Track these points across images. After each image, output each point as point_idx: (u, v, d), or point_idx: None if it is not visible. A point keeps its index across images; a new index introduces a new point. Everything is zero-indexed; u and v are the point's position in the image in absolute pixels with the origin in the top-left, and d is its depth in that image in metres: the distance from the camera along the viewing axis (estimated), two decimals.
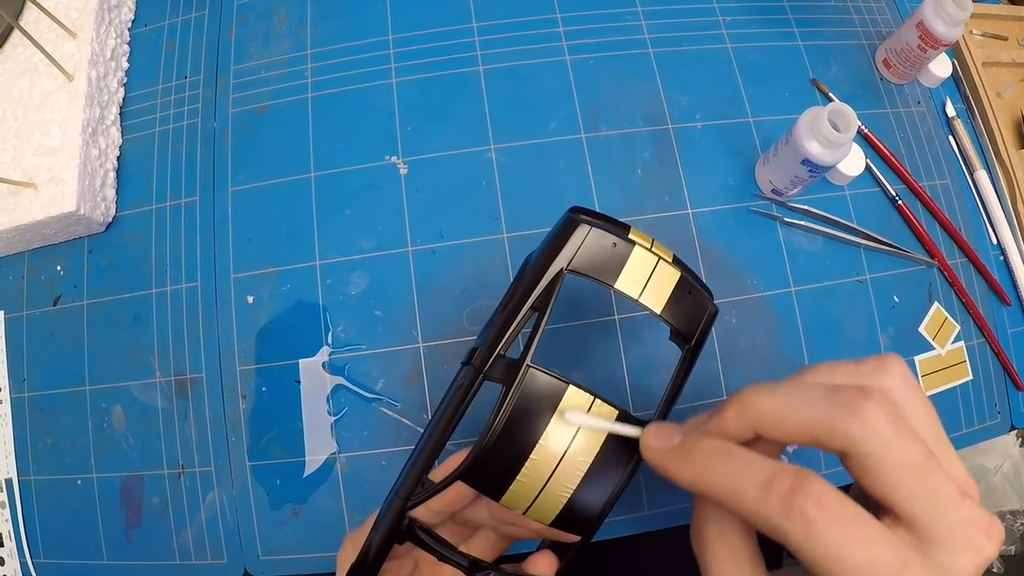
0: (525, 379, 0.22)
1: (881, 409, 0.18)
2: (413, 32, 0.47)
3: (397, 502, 0.24)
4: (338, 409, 0.40)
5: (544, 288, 0.24)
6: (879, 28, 0.51)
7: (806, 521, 0.17)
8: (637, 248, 0.24)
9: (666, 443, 0.21)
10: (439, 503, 0.25)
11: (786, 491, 0.17)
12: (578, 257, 0.24)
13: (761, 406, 0.20)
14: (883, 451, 0.18)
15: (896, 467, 0.18)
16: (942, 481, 0.18)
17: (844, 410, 0.18)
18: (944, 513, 0.18)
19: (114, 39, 0.47)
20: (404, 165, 0.44)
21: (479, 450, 0.22)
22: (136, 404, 0.42)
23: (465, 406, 0.23)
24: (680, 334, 0.25)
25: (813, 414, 0.19)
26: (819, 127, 0.38)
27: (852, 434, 0.18)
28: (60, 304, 0.44)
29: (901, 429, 0.18)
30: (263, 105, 0.46)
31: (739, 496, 0.18)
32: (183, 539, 0.40)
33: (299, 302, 0.42)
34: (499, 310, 0.25)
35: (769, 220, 0.44)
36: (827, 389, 0.19)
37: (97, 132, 0.44)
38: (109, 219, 0.44)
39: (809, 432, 0.19)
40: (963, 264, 0.46)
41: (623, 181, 0.44)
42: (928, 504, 0.18)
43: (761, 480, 0.18)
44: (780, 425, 0.19)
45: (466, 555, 0.25)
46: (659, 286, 0.24)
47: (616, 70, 0.46)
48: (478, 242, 0.42)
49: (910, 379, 0.20)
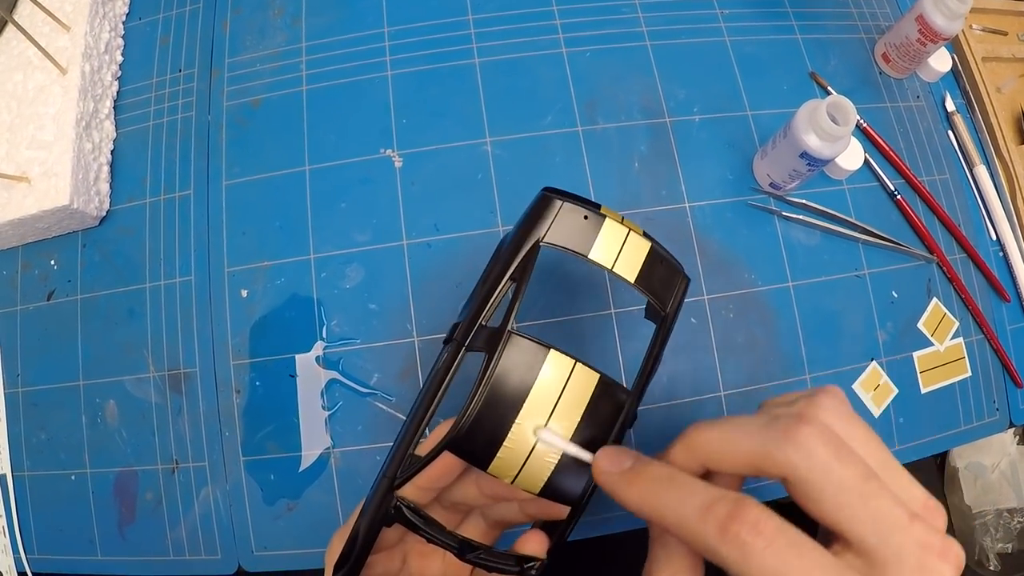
0: (507, 345, 0.22)
1: (818, 434, 0.18)
2: (409, 24, 0.46)
3: (384, 481, 0.24)
4: (332, 404, 0.40)
5: (521, 260, 0.24)
6: (878, 22, 0.51)
7: (742, 546, 0.17)
8: (608, 221, 0.25)
9: (617, 467, 0.21)
10: (426, 478, 0.24)
11: (723, 517, 0.17)
12: (552, 230, 0.24)
13: (704, 440, 0.21)
14: (821, 474, 0.18)
15: (836, 490, 0.18)
16: (886, 502, 0.18)
17: (781, 437, 0.18)
18: (891, 536, 0.17)
19: (108, 32, 0.47)
20: (399, 158, 0.44)
21: (464, 418, 0.22)
22: (130, 399, 0.41)
23: (450, 379, 0.23)
24: (655, 304, 0.26)
25: (752, 443, 0.19)
26: (818, 120, 0.38)
27: (790, 460, 0.18)
28: (54, 299, 0.43)
29: (839, 452, 0.18)
30: (258, 98, 0.45)
31: (681, 521, 0.18)
32: (177, 534, 0.40)
33: (293, 296, 0.42)
34: (478, 285, 0.26)
35: (767, 214, 0.44)
36: (766, 419, 0.19)
37: (91, 126, 0.44)
38: (103, 213, 0.44)
39: (749, 461, 0.19)
40: (962, 260, 0.46)
41: (620, 174, 0.44)
42: (872, 526, 0.17)
43: (701, 505, 0.18)
44: (722, 457, 0.20)
45: (456, 535, 0.24)
46: (631, 256, 0.25)
47: (613, 63, 0.46)
48: (474, 235, 0.42)
49: (847, 407, 0.20)
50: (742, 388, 0.41)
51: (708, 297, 0.42)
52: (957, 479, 0.67)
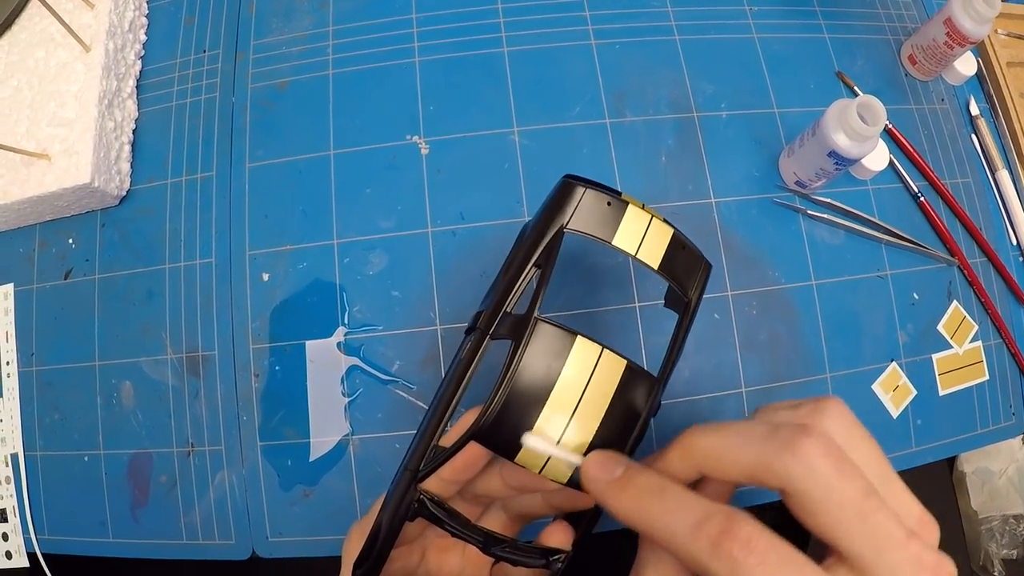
0: (534, 332, 0.22)
1: (820, 446, 0.18)
2: (437, 11, 0.46)
3: (407, 474, 0.23)
4: (352, 390, 0.40)
5: (545, 246, 0.24)
6: (905, 24, 0.51)
7: (733, 563, 0.16)
8: (631, 207, 0.25)
9: (606, 475, 0.21)
10: (451, 470, 0.24)
11: (715, 533, 0.17)
12: (576, 217, 0.24)
13: (702, 446, 0.20)
14: (821, 489, 0.17)
15: (835, 505, 0.17)
16: (884, 520, 0.17)
17: (782, 447, 0.18)
18: (887, 553, 0.17)
19: (132, 11, 0.46)
20: (426, 145, 0.43)
21: (491, 407, 0.21)
22: (146, 381, 0.41)
23: (474, 368, 0.23)
24: (677, 291, 0.25)
25: (752, 452, 0.18)
26: (847, 119, 0.37)
27: (790, 471, 0.17)
28: (71, 278, 0.43)
29: (841, 467, 0.18)
30: (283, 81, 0.45)
31: (671, 535, 0.18)
32: (191, 518, 0.39)
33: (315, 281, 0.41)
34: (501, 273, 0.25)
35: (792, 212, 0.44)
36: (767, 428, 0.19)
37: (113, 104, 0.44)
38: (123, 193, 0.44)
39: (748, 470, 0.19)
40: (983, 264, 0.46)
41: (647, 168, 0.43)
42: (870, 543, 0.17)
43: (693, 520, 0.18)
44: (720, 464, 0.19)
45: (481, 528, 0.24)
46: (654, 243, 0.25)
47: (642, 56, 0.46)
48: (500, 225, 0.42)
49: (851, 418, 0.20)
50: (764, 385, 0.41)
51: (732, 293, 0.42)
52: (964, 484, 0.67)
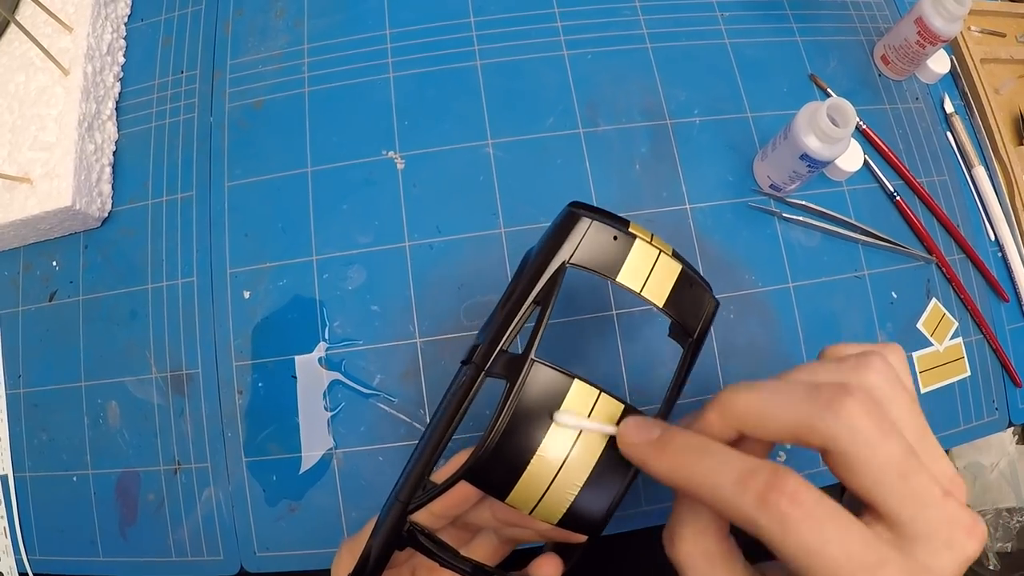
0: (529, 374, 0.22)
1: (862, 406, 0.18)
2: (410, 27, 0.47)
3: (398, 506, 0.23)
4: (335, 405, 0.40)
5: (546, 282, 0.23)
6: (877, 24, 0.51)
7: (781, 517, 0.16)
8: (638, 242, 0.24)
9: (645, 436, 0.21)
10: (442, 505, 0.24)
11: (762, 487, 0.17)
12: (579, 251, 0.23)
13: (742, 405, 0.20)
14: (863, 449, 0.17)
15: (877, 465, 0.17)
16: (924, 480, 0.18)
17: (824, 407, 0.18)
18: (925, 511, 0.17)
19: (110, 33, 0.47)
20: (401, 160, 0.44)
21: (483, 448, 0.21)
22: (132, 400, 0.41)
23: (467, 404, 0.23)
24: (681, 329, 0.25)
25: (794, 412, 0.18)
26: (818, 122, 0.38)
27: (832, 432, 0.18)
28: (56, 300, 0.43)
29: (882, 426, 0.18)
30: (260, 100, 0.45)
31: (715, 490, 0.18)
32: (179, 536, 0.40)
33: (296, 297, 0.42)
34: (500, 306, 0.25)
35: (767, 215, 0.44)
36: (808, 387, 0.19)
37: (93, 127, 0.44)
38: (105, 214, 0.44)
39: (790, 430, 0.19)
40: (961, 260, 0.46)
41: (621, 176, 0.44)
42: (909, 502, 0.17)
43: (737, 475, 0.18)
44: (761, 423, 0.19)
45: (469, 560, 0.24)
46: (661, 280, 0.24)
47: (614, 65, 0.46)
48: (475, 237, 0.42)
49: (894, 375, 0.20)
50: None
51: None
52: None
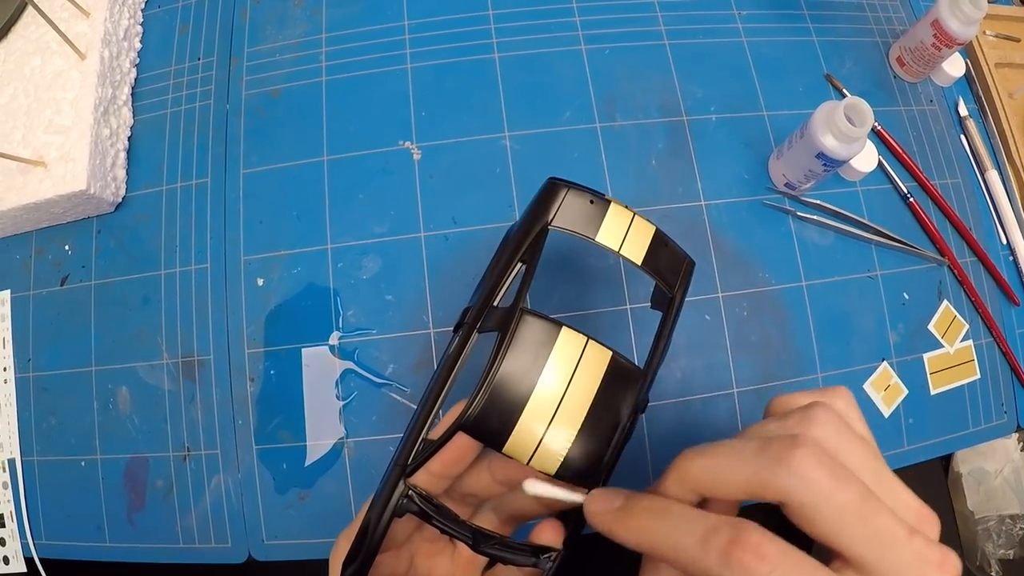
0: (519, 324, 0.22)
1: (812, 456, 0.18)
2: (429, 18, 0.47)
3: (396, 469, 0.23)
4: (347, 394, 0.40)
5: (530, 243, 0.25)
6: (893, 26, 0.51)
7: (745, 571, 0.16)
8: (614, 205, 0.26)
9: (608, 506, 0.21)
10: (440, 463, 0.24)
11: (724, 543, 0.17)
12: (559, 215, 0.25)
13: (697, 469, 0.20)
14: (818, 499, 0.17)
15: (834, 512, 0.17)
16: (885, 520, 0.18)
17: (775, 463, 0.18)
18: (891, 552, 0.17)
19: (127, 19, 0.47)
20: (418, 150, 0.44)
21: (478, 397, 0.22)
22: (142, 385, 0.41)
23: (462, 362, 0.23)
24: (662, 287, 0.26)
25: (746, 470, 0.19)
26: (835, 121, 0.38)
27: (785, 485, 0.18)
28: (67, 284, 0.43)
29: (836, 473, 0.18)
30: (277, 88, 0.45)
31: (679, 552, 0.18)
32: (187, 522, 0.40)
33: (310, 285, 0.42)
34: (488, 270, 0.26)
35: (781, 214, 0.44)
36: (759, 443, 0.19)
37: (109, 112, 0.44)
38: (119, 199, 0.44)
39: (744, 488, 0.19)
40: (973, 263, 0.47)
41: (637, 171, 0.44)
42: (874, 544, 0.17)
43: (700, 534, 0.18)
44: (716, 485, 0.20)
45: (470, 524, 0.24)
46: (637, 239, 0.26)
47: (632, 61, 0.46)
48: (491, 229, 0.42)
49: (840, 423, 0.20)
50: (755, 386, 0.41)
51: (722, 295, 0.42)
52: (960, 484, 0.67)
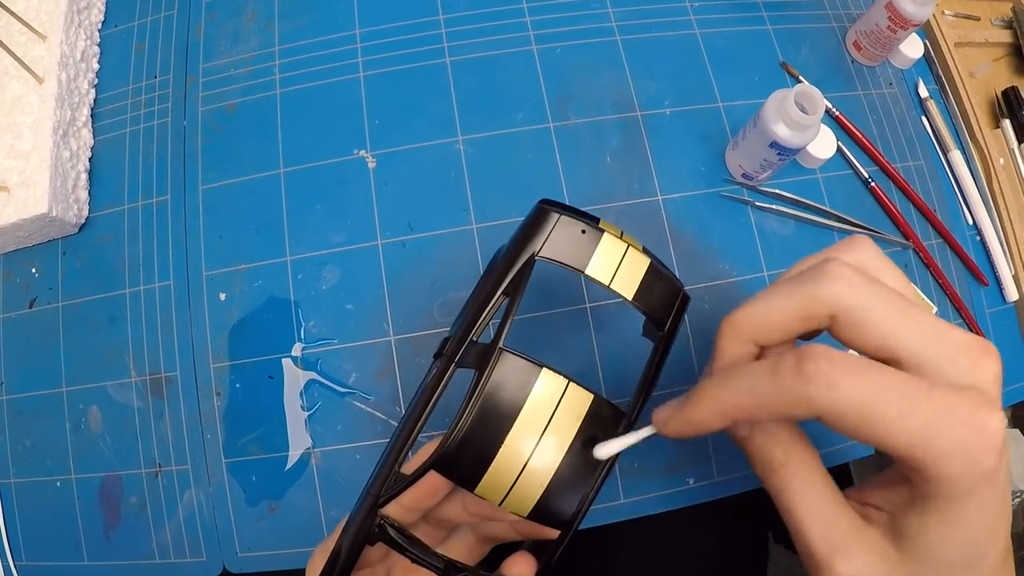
0: (498, 363, 0.22)
1: (852, 268, 0.19)
2: (380, 26, 0.47)
3: (368, 499, 0.23)
4: (311, 404, 0.40)
5: (515, 275, 0.24)
6: (849, 10, 0.51)
7: (825, 377, 0.17)
8: (607, 236, 0.24)
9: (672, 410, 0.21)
10: (412, 497, 0.24)
11: (793, 362, 0.17)
12: (549, 244, 0.24)
13: (748, 317, 0.21)
14: (866, 297, 0.18)
15: (882, 310, 0.18)
16: (926, 315, 0.18)
17: (819, 279, 0.19)
18: (939, 343, 0.18)
19: (84, 40, 0.47)
20: (372, 159, 0.44)
21: (452, 437, 0.21)
22: (112, 404, 0.42)
23: (438, 396, 0.23)
24: (652, 321, 0.25)
25: (794, 299, 0.19)
26: (786, 109, 0.38)
27: (833, 293, 0.18)
28: (36, 306, 0.44)
29: (879, 273, 0.19)
30: (232, 103, 0.46)
31: (757, 395, 0.18)
32: (162, 538, 0.40)
33: (271, 298, 0.42)
34: (471, 300, 0.25)
35: (740, 205, 0.44)
36: (801, 274, 0.20)
37: (68, 134, 0.44)
38: (82, 220, 0.45)
39: (798, 315, 0.19)
40: (939, 245, 0.46)
41: (592, 169, 0.44)
42: (922, 337, 0.18)
43: (768, 370, 0.18)
44: (771, 323, 0.20)
45: (441, 556, 0.24)
46: (630, 273, 0.24)
47: (583, 58, 0.46)
48: (448, 234, 0.42)
49: (877, 250, 0.21)
50: None
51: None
52: None
